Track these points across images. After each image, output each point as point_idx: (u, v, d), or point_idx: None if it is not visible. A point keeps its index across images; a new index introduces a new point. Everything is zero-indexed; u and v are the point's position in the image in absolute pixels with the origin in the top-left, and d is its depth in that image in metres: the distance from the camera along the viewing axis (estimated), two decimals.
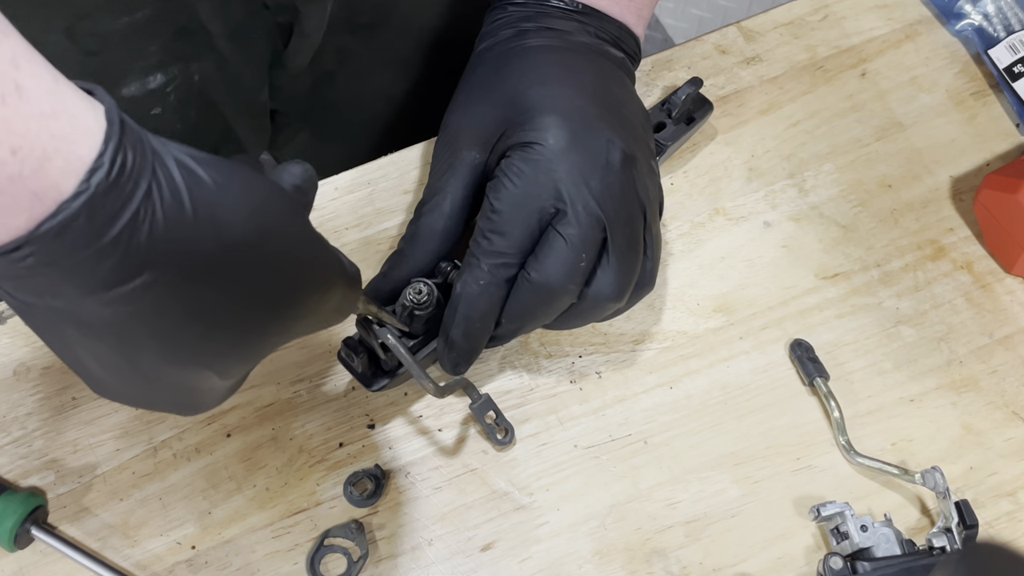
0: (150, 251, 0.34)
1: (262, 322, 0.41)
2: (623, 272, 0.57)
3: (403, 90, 0.82)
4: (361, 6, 0.73)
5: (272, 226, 0.40)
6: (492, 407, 0.61)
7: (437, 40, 0.79)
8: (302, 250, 0.42)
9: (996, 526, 0.62)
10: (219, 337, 0.39)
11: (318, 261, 0.43)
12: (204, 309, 0.38)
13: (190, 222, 0.35)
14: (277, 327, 0.42)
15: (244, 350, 0.41)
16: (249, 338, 0.41)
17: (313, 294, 0.43)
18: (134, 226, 0.34)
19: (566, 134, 0.56)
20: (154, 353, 0.38)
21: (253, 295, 0.39)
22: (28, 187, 0.32)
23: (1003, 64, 0.74)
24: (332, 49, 0.75)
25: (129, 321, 0.36)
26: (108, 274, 0.34)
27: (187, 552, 0.59)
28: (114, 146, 0.34)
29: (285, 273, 0.41)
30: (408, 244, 0.60)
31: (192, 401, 0.44)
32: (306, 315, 0.43)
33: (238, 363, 0.42)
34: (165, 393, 0.42)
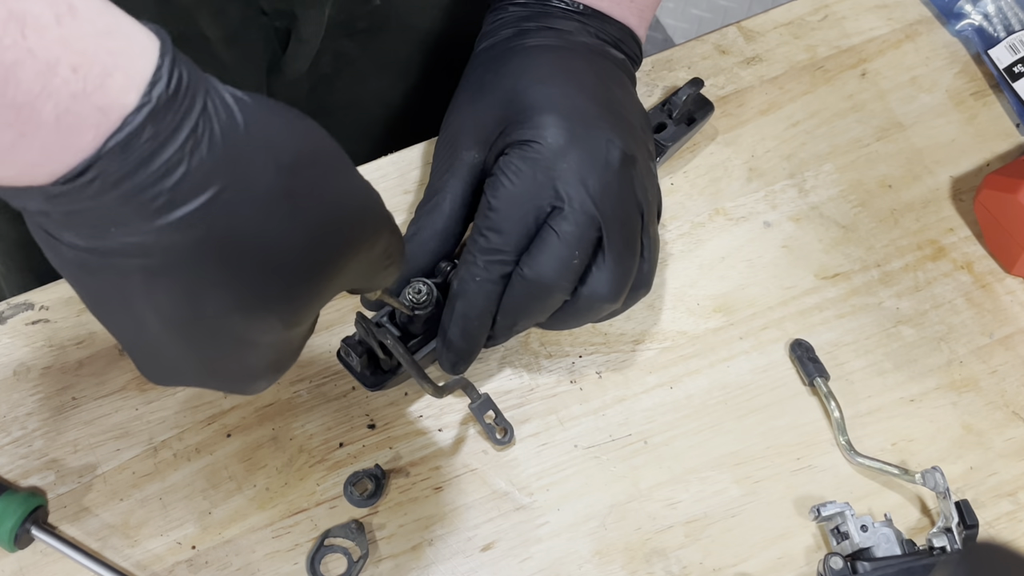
0: (213, 165, 0.34)
1: (321, 250, 0.39)
2: (619, 272, 0.57)
3: (401, 93, 0.82)
4: (359, 10, 0.73)
5: (322, 150, 0.39)
6: (492, 407, 0.61)
7: (435, 43, 0.79)
8: (351, 178, 0.41)
9: (996, 526, 0.62)
10: (285, 267, 0.38)
11: (367, 191, 0.42)
12: (268, 234, 0.37)
13: (245, 139, 0.36)
14: (336, 259, 0.40)
15: (307, 285, 0.40)
16: (311, 269, 0.39)
17: (367, 225, 0.41)
18: (195, 139, 0.34)
19: (565, 133, 0.56)
20: (222, 292, 0.37)
21: (311, 220, 0.38)
22: (93, 103, 0.32)
23: (1003, 64, 0.74)
24: (330, 54, 0.75)
25: (197, 251, 0.35)
26: (174, 191, 0.34)
27: (187, 552, 0.59)
28: (170, 61, 0.34)
29: (339, 199, 0.40)
30: (408, 244, 0.60)
31: (253, 365, 0.42)
32: (362, 250, 0.42)
33: (302, 303, 0.40)
34: (227, 355, 0.40)
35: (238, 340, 0.40)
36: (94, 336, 0.64)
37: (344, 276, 0.42)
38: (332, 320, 0.65)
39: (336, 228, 0.40)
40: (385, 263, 0.45)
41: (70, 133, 0.32)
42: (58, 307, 0.64)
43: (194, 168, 0.34)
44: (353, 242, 0.41)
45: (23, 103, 0.31)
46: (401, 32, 0.77)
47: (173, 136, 0.34)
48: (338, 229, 0.40)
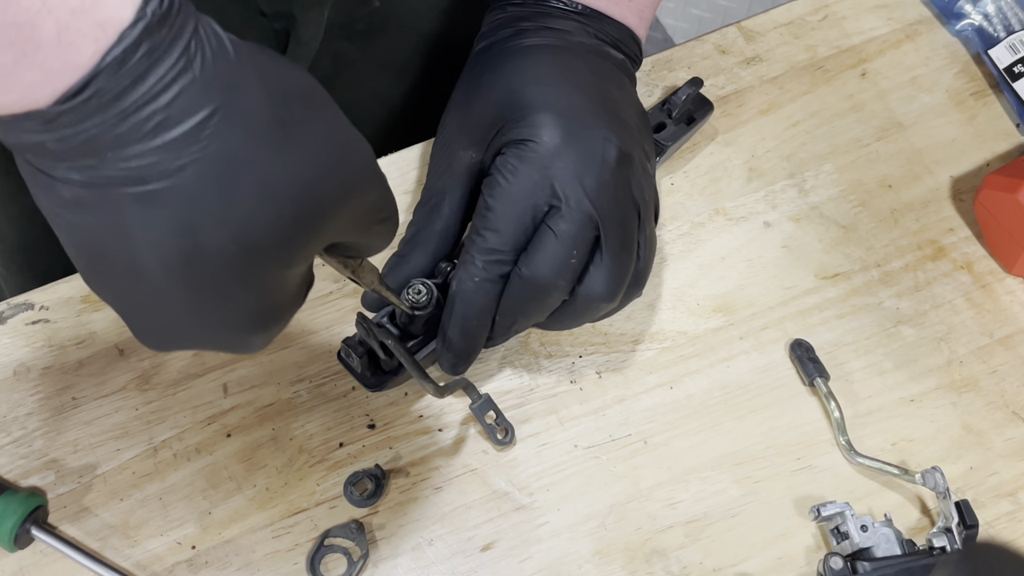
0: (206, 85, 0.35)
1: (316, 183, 0.39)
2: (616, 271, 0.57)
3: (400, 95, 0.82)
4: (358, 12, 0.73)
5: (313, 88, 0.39)
6: (492, 407, 0.61)
7: (434, 45, 0.79)
8: (342, 121, 0.41)
9: (996, 526, 0.62)
10: (281, 197, 0.38)
11: (358, 137, 0.42)
12: (263, 161, 0.37)
13: (236, 65, 0.36)
14: (331, 194, 0.40)
15: (303, 218, 0.39)
16: (307, 201, 0.39)
17: (359, 167, 0.41)
18: (188, 58, 0.35)
19: (561, 132, 0.56)
20: (218, 221, 0.37)
21: (306, 151, 0.38)
22: (92, 18, 0.33)
23: (1003, 64, 0.74)
24: (329, 55, 0.75)
25: (193, 175, 0.36)
26: (169, 109, 0.35)
27: (187, 552, 0.59)
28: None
29: (332, 136, 0.40)
30: (407, 245, 0.60)
31: (250, 313, 0.41)
32: (355, 193, 0.41)
33: (298, 237, 0.39)
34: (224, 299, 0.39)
35: (235, 278, 0.39)
36: (94, 336, 0.64)
37: (339, 219, 0.41)
38: (332, 320, 0.65)
39: (330, 163, 0.39)
40: (379, 215, 0.44)
41: (69, 49, 0.33)
42: (58, 307, 0.64)
43: (188, 86, 0.35)
44: (346, 181, 0.40)
45: (23, 21, 0.32)
46: (400, 34, 0.76)
47: (167, 52, 0.34)
48: (332, 164, 0.40)
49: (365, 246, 0.46)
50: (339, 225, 0.42)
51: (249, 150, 0.37)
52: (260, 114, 0.37)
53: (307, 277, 0.44)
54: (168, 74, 0.34)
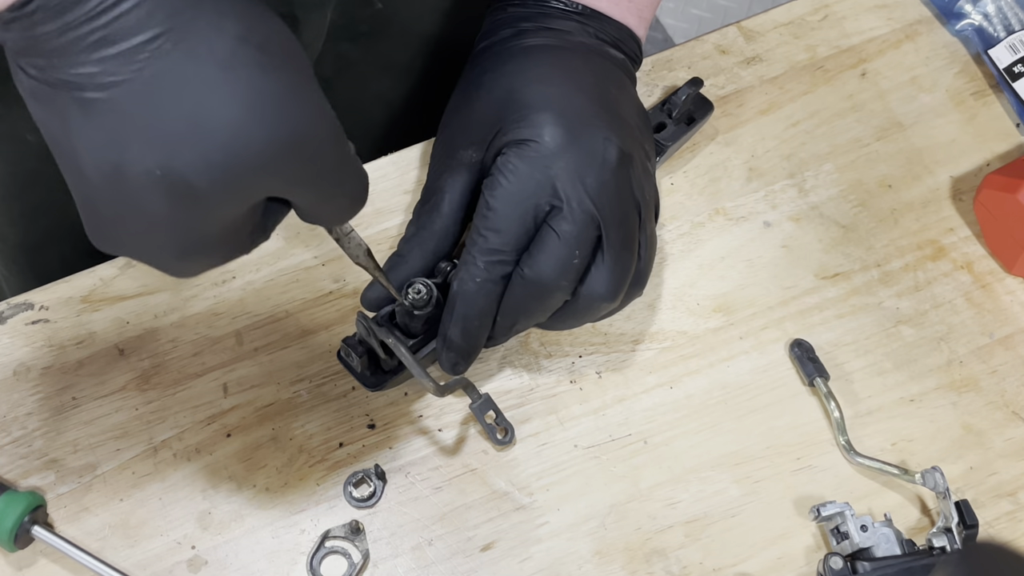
0: (152, 9, 0.37)
1: (247, 125, 0.39)
2: (617, 271, 0.57)
3: (402, 96, 0.82)
4: (361, 14, 0.73)
5: (273, 33, 0.40)
6: (492, 407, 0.61)
7: (437, 47, 0.79)
8: (298, 74, 0.41)
9: (996, 526, 0.62)
10: (208, 136, 0.38)
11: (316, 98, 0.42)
12: (194, 93, 0.38)
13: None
14: (266, 148, 0.40)
15: (231, 157, 0.39)
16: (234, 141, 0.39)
17: (307, 129, 0.41)
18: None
19: (562, 131, 0.56)
20: (144, 142, 0.38)
21: (245, 94, 0.39)
22: None
23: (1003, 64, 0.74)
24: (331, 56, 0.75)
25: (125, 94, 0.37)
26: (108, 29, 0.36)
27: (187, 552, 0.59)
28: None
29: (281, 87, 0.40)
30: (407, 245, 0.60)
31: (180, 238, 0.41)
32: (299, 154, 0.41)
33: (224, 174, 0.39)
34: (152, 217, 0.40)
35: (157, 201, 0.40)
36: (94, 336, 0.64)
37: (277, 176, 0.41)
38: (332, 320, 0.65)
39: (273, 116, 0.39)
40: (332, 185, 0.44)
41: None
42: (58, 307, 0.64)
43: (132, 9, 0.36)
44: (289, 139, 0.40)
45: None
46: (402, 35, 0.76)
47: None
48: (275, 118, 0.39)
49: (316, 213, 0.46)
50: (277, 181, 0.41)
51: (186, 82, 0.38)
52: (206, 48, 0.38)
53: (246, 223, 0.43)
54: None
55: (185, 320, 0.64)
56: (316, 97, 0.42)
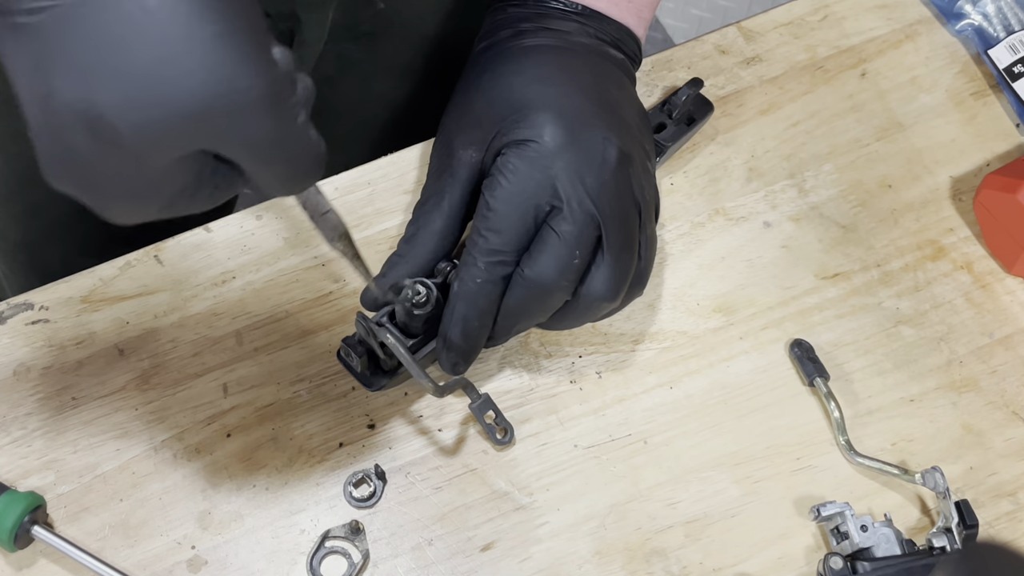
0: None
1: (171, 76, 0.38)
2: (618, 271, 0.57)
3: (404, 96, 0.82)
4: (363, 14, 0.73)
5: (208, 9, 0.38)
6: (492, 407, 0.61)
7: (438, 47, 0.79)
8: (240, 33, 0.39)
9: (996, 526, 0.62)
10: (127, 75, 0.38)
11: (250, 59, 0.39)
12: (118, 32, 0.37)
13: None
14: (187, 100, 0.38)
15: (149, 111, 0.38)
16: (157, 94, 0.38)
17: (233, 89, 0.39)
18: None
19: (562, 131, 0.56)
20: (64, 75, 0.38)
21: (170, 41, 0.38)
22: None
23: (1003, 64, 0.74)
24: (333, 56, 0.75)
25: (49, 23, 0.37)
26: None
27: (187, 552, 0.59)
28: None
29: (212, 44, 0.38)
30: (406, 245, 0.60)
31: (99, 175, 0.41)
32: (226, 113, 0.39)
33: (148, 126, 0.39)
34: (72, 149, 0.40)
35: (81, 134, 0.39)
36: (94, 336, 0.64)
37: (203, 122, 0.39)
38: (332, 320, 0.65)
39: (195, 56, 0.38)
40: (270, 144, 0.41)
41: None
42: (58, 307, 0.64)
43: None
44: (214, 83, 0.38)
45: None
46: (404, 35, 0.77)
47: None
48: (199, 58, 0.38)
49: (259, 181, 0.44)
50: (206, 135, 0.40)
51: (110, 14, 0.37)
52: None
53: (181, 173, 0.42)
54: None
55: (185, 320, 0.64)
56: (257, 50, 0.40)
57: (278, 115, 0.41)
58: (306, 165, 0.44)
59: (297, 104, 0.42)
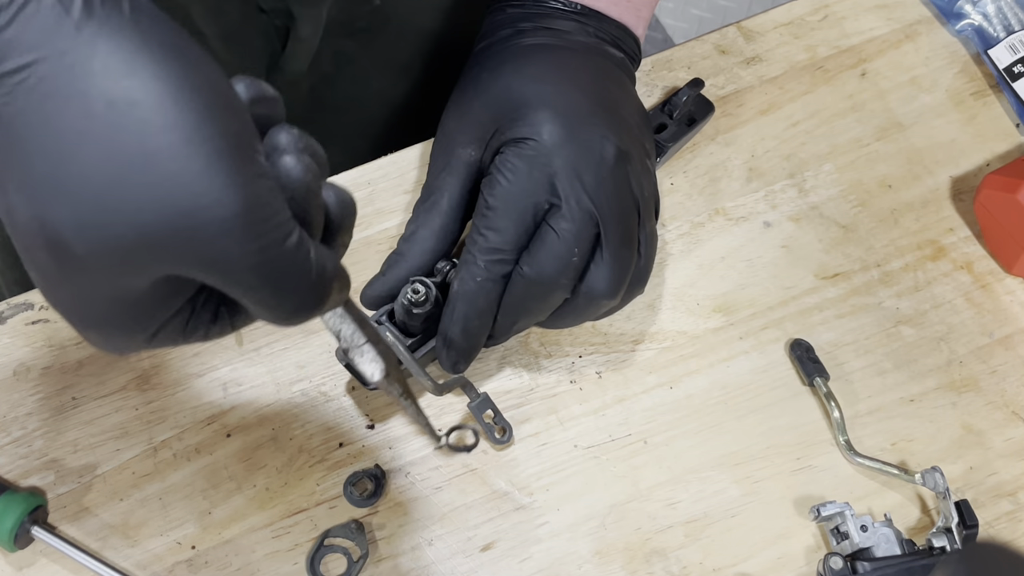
0: (13, 38, 0.33)
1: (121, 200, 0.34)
2: (617, 268, 0.57)
3: (402, 93, 0.82)
4: (359, 10, 0.73)
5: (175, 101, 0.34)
6: (490, 406, 0.61)
7: (436, 44, 0.79)
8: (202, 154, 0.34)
9: (996, 526, 0.62)
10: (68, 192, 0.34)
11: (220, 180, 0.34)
12: (58, 144, 0.34)
13: (71, 30, 0.33)
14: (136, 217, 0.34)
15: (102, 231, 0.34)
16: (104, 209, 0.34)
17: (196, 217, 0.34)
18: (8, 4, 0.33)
19: (560, 129, 0.56)
20: (18, 187, 0.34)
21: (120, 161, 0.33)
22: None
23: (1003, 64, 0.74)
24: (331, 53, 0.75)
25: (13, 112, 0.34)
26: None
27: (187, 552, 0.59)
28: None
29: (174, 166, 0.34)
30: (406, 244, 0.60)
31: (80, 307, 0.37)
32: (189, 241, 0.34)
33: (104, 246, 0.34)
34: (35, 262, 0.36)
35: (49, 261, 0.35)
36: None
37: (164, 247, 0.35)
38: None
39: (146, 173, 0.34)
40: (247, 273, 0.36)
41: None
42: None
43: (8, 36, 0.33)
44: (168, 203, 0.34)
45: None
46: (401, 32, 0.77)
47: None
48: (150, 175, 0.34)
49: (251, 309, 0.39)
50: (169, 260, 0.35)
51: (46, 126, 0.34)
52: (83, 86, 0.33)
53: (157, 302, 0.38)
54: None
55: None
56: (233, 161, 0.34)
57: (257, 237, 0.35)
58: (301, 293, 0.38)
59: (286, 223, 0.36)
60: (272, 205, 0.36)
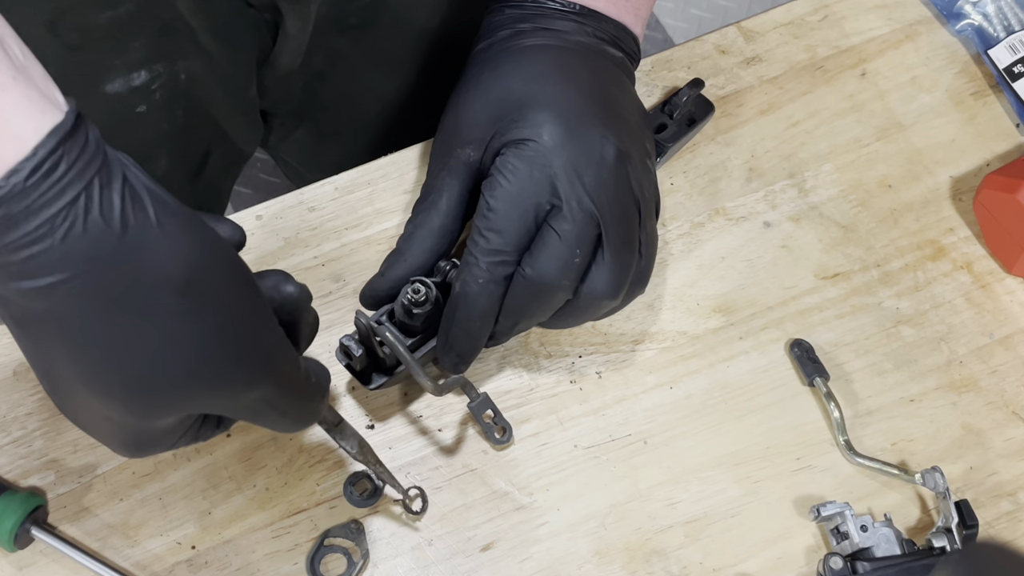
0: (63, 255, 0.37)
1: (161, 370, 0.41)
2: (618, 269, 0.57)
3: (395, 90, 0.82)
4: (350, 7, 0.73)
5: (206, 287, 0.41)
6: (490, 406, 0.61)
7: (429, 41, 0.79)
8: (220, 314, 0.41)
9: (996, 526, 0.62)
10: (122, 370, 0.40)
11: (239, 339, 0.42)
12: (111, 334, 0.39)
13: (113, 243, 0.38)
14: (180, 386, 0.42)
15: (145, 393, 0.42)
16: (148, 383, 0.41)
17: (224, 370, 0.42)
18: (52, 226, 0.37)
19: (560, 130, 0.56)
20: (65, 363, 0.41)
21: (154, 339, 0.40)
22: None
23: (1003, 64, 0.74)
24: (323, 50, 0.75)
25: (43, 322, 0.39)
26: (25, 265, 0.37)
27: (187, 552, 0.59)
28: (44, 154, 0.36)
29: (195, 331, 0.41)
30: (406, 243, 0.60)
31: (114, 436, 0.45)
32: (220, 391, 0.43)
33: (144, 404, 0.42)
34: (88, 416, 0.44)
35: (91, 412, 0.43)
36: None
37: (197, 401, 0.43)
38: (332, 320, 0.65)
39: (185, 359, 0.41)
40: (273, 412, 0.46)
41: None
42: None
43: (44, 252, 0.37)
44: (206, 380, 0.42)
45: None
46: (393, 28, 0.77)
47: (28, 219, 0.36)
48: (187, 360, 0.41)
49: (262, 425, 0.48)
50: (201, 407, 0.44)
51: (97, 322, 0.39)
52: (119, 293, 0.39)
53: (186, 424, 0.46)
54: (27, 236, 0.37)
55: None
56: (243, 335, 0.42)
57: (270, 385, 0.44)
58: (302, 415, 0.49)
59: (296, 368, 0.47)
60: (289, 359, 0.46)
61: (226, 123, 0.78)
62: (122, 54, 0.68)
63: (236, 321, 0.42)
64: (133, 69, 0.69)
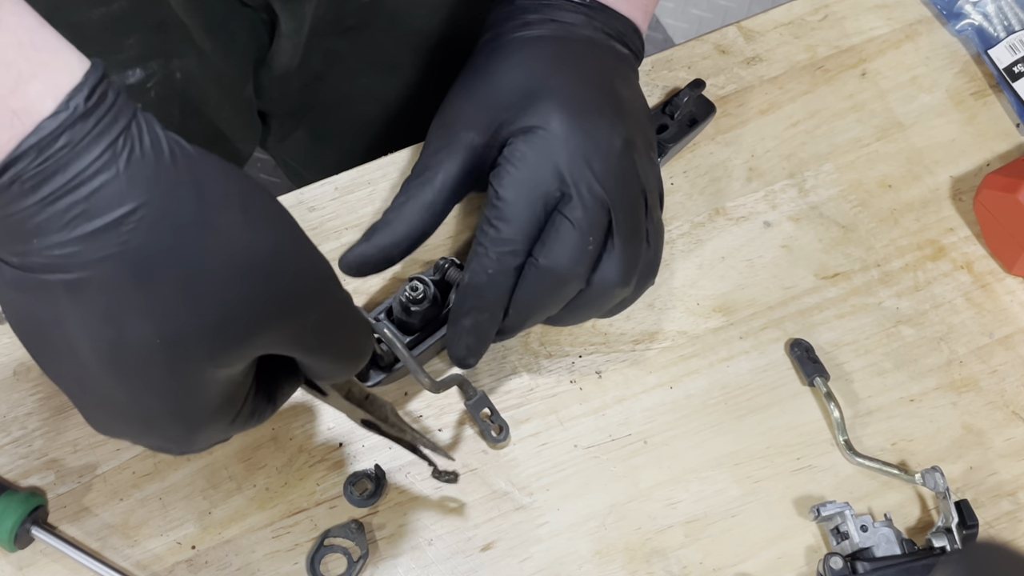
0: (130, 181, 0.35)
1: (244, 292, 0.39)
2: (628, 256, 0.57)
3: (393, 90, 0.82)
4: (346, 8, 0.73)
5: (250, 192, 0.39)
6: (487, 404, 0.61)
7: (426, 41, 0.79)
8: (283, 229, 0.41)
9: (996, 526, 0.62)
10: (203, 299, 0.38)
11: (304, 250, 0.42)
12: (187, 261, 0.37)
13: (167, 163, 0.37)
14: (260, 304, 0.40)
15: (228, 323, 0.39)
16: (232, 308, 0.39)
17: (300, 282, 0.41)
18: (114, 153, 0.35)
19: (569, 119, 0.56)
20: (141, 315, 0.38)
21: (233, 255, 0.38)
22: (7, 105, 0.34)
23: (1003, 64, 0.74)
24: (320, 50, 0.75)
25: (114, 268, 0.36)
26: (90, 201, 0.35)
27: (187, 552, 0.59)
28: (95, 79, 0.35)
29: (267, 244, 0.40)
30: (393, 213, 0.58)
31: (185, 410, 0.42)
32: (294, 308, 0.41)
33: (224, 340, 0.40)
34: (157, 393, 0.41)
35: (161, 370, 0.39)
36: None
37: (275, 330, 0.41)
38: None
39: (263, 273, 0.39)
40: (332, 338, 0.45)
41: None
42: None
43: (110, 181, 0.35)
44: (282, 294, 0.40)
45: None
46: (391, 29, 0.76)
47: (90, 146, 0.35)
48: (265, 275, 0.40)
49: (318, 369, 0.47)
50: (273, 337, 0.41)
51: (172, 249, 0.37)
52: (187, 215, 0.37)
53: (243, 384, 0.44)
54: (91, 167, 0.35)
55: None
56: (301, 249, 0.42)
57: (336, 302, 0.44)
58: (362, 345, 0.48)
59: (347, 295, 0.45)
60: (332, 273, 0.44)
61: (223, 123, 0.78)
62: (116, 51, 0.68)
63: (294, 238, 0.41)
64: (128, 67, 0.69)
